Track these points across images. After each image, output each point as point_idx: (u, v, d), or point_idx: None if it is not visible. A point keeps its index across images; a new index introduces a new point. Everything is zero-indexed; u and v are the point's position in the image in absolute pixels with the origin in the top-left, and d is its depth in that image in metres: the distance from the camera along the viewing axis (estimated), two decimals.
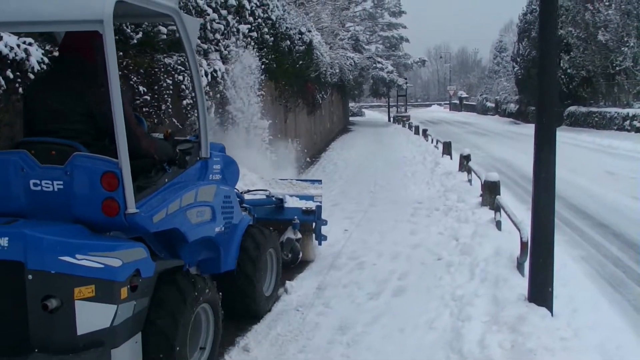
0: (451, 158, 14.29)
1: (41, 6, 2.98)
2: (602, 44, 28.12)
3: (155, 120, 6.17)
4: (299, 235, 6.13)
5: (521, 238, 5.11)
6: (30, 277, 2.84)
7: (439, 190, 10.61)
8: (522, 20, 38.88)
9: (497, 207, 7.00)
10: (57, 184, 3.10)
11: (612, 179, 12.59)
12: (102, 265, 2.89)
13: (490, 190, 8.01)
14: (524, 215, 5.30)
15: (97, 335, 2.91)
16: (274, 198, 6.11)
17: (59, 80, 3.36)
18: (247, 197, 5.86)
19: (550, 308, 4.27)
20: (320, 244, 6.65)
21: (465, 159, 11.44)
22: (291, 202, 6.27)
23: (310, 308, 5.07)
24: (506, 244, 5.97)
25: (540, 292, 4.34)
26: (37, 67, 4.52)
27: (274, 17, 10.89)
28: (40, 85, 3.58)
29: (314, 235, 6.48)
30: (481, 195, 8.36)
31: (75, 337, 2.87)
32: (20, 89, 4.34)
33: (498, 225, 6.87)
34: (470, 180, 10.43)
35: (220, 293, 3.97)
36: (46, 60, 4.62)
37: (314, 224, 6.39)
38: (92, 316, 2.89)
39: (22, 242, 2.84)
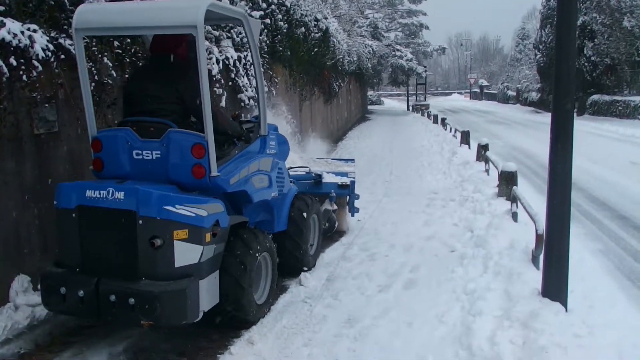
0: (469, 147, 14.01)
1: (147, 15, 3.87)
2: (628, 31, 27.32)
3: None
4: (335, 207, 6.92)
5: (536, 230, 4.95)
6: (140, 222, 3.56)
7: (456, 181, 10.42)
8: (545, 7, 37.89)
9: (513, 198, 6.82)
10: (155, 154, 3.92)
11: (636, 170, 12.20)
12: (193, 214, 3.66)
13: (507, 181, 7.81)
14: (542, 206, 5.13)
15: (189, 269, 3.68)
16: (313, 174, 6.82)
17: (153, 72, 4.19)
18: (290, 173, 6.28)
19: (564, 303, 4.12)
20: (353, 215, 7.38)
21: (483, 149, 11.20)
22: (328, 178, 6.93)
23: (318, 300, 4.99)
24: (522, 236, 5.80)
25: (555, 286, 4.18)
26: (41, 55, 4.40)
27: (288, 4, 10.71)
28: (138, 76, 4.40)
29: (347, 207, 7.20)
30: (498, 186, 8.17)
31: (174, 269, 3.63)
32: (25, 77, 4.30)
33: (514, 216, 6.69)
34: (487, 170, 10.21)
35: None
36: (51, 47, 4.55)
37: (348, 198, 7.12)
38: (185, 253, 3.65)
39: (135, 195, 3.58)
